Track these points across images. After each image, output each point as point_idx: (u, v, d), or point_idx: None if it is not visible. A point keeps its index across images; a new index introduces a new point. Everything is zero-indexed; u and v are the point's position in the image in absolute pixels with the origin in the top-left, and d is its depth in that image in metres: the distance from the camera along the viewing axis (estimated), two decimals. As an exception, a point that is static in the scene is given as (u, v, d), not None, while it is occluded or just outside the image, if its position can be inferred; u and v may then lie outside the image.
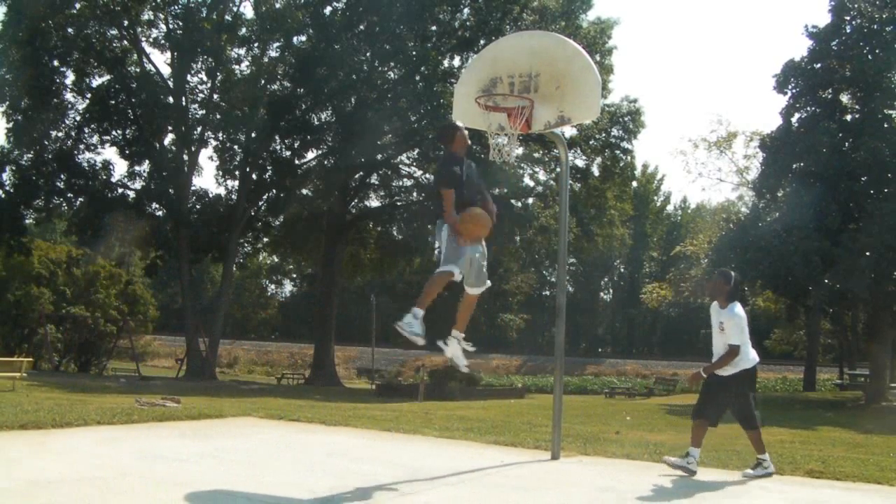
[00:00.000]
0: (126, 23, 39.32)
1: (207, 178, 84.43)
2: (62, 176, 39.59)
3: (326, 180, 40.73)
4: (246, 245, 46.26)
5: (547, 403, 25.23)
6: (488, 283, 8.02)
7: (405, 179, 44.45)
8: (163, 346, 66.91)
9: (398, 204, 43.89)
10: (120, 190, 40.89)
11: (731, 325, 7.98)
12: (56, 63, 38.96)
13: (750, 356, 8.01)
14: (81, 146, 39.85)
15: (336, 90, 38.05)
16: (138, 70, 40.78)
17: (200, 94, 41.05)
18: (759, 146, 36.11)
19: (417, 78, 37.20)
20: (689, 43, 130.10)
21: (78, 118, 39.78)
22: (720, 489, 7.04)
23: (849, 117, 33.27)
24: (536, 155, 39.94)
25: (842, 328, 41.95)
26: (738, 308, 8.12)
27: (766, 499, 6.67)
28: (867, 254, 28.30)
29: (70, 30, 38.63)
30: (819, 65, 32.35)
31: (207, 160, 46.98)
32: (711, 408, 8.07)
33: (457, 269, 7.49)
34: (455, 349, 7.85)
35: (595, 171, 40.86)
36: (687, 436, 8.32)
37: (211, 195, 43.60)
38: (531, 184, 42.15)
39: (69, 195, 40.27)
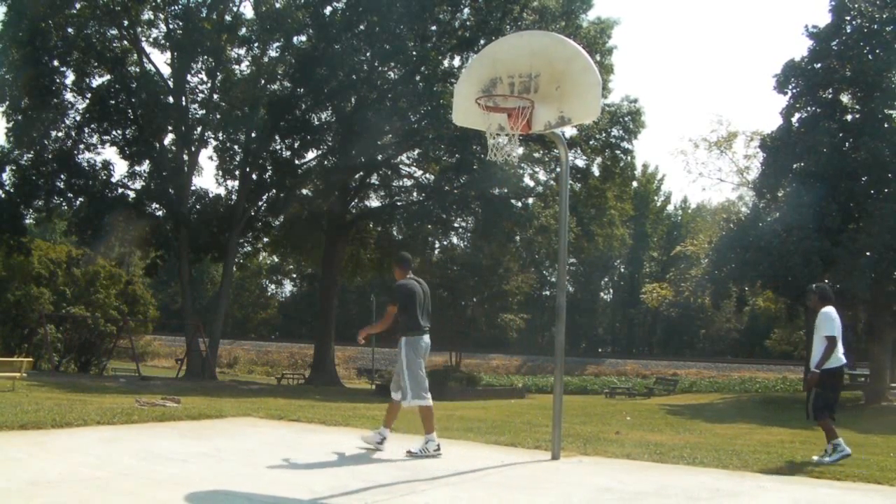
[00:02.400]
0: (126, 23, 39.36)
1: (207, 178, 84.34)
2: (62, 176, 39.59)
3: (326, 180, 40.73)
4: (246, 245, 46.27)
5: (547, 403, 25.24)
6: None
7: (405, 179, 44.47)
8: (163, 346, 67.01)
9: (398, 204, 43.85)
10: (120, 190, 40.90)
11: (821, 322, 9.52)
12: (56, 63, 38.97)
13: (837, 355, 9.37)
14: (81, 146, 39.86)
15: (336, 90, 38.04)
16: (138, 70, 40.79)
17: (200, 94, 41.08)
18: (760, 146, 36.10)
19: (417, 78, 37.19)
20: (690, 43, 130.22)
21: (78, 118, 39.79)
22: (719, 488, 7.04)
23: (849, 117, 33.28)
24: (536, 155, 39.94)
25: (842, 328, 41.87)
26: (828, 309, 9.57)
27: (765, 498, 6.68)
28: (867, 254, 28.33)
29: (70, 30, 38.64)
30: (819, 65, 32.35)
31: (207, 160, 47.03)
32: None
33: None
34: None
35: (595, 171, 40.87)
36: (686, 436, 8.36)
37: (211, 195, 43.65)
38: (531, 184, 42.17)
39: (69, 195, 40.26)
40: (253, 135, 39.61)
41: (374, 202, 45.79)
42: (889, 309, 31.78)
